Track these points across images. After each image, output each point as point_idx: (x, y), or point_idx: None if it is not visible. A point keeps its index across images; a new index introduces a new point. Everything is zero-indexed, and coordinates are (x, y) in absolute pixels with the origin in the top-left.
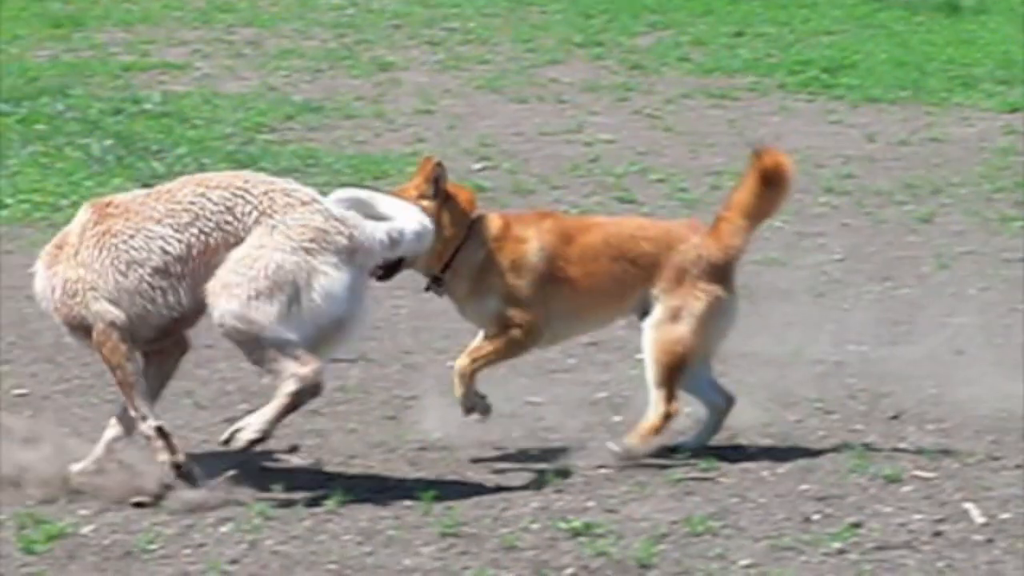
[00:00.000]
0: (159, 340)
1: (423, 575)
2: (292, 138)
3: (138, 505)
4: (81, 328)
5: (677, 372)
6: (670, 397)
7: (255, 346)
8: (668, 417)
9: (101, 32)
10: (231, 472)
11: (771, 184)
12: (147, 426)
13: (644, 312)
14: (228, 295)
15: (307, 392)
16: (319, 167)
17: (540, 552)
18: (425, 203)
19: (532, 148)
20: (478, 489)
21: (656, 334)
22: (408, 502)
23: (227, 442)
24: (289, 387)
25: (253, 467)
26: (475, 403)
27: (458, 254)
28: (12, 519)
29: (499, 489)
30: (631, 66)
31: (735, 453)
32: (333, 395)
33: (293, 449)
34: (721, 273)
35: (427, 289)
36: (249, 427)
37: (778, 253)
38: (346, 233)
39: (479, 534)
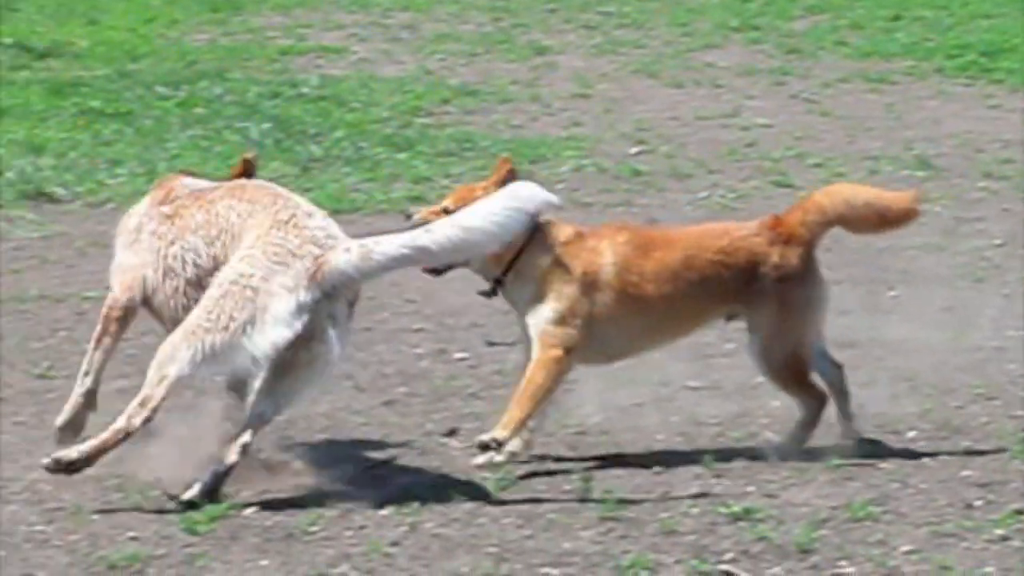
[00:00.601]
0: None
1: (583, 559)
2: (448, 122)
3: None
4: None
5: (801, 374)
6: (811, 392)
7: (168, 355)
8: (820, 409)
9: (258, 16)
10: (387, 457)
11: (891, 222)
12: (82, 383)
13: (728, 316)
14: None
15: (126, 435)
16: (475, 150)
17: (700, 537)
18: None
19: (688, 132)
20: (637, 473)
21: (765, 354)
22: (567, 486)
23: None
24: (120, 423)
25: (411, 451)
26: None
27: (521, 256)
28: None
29: (658, 474)
30: (788, 50)
31: (895, 439)
32: (491, 378)
33: (452, 432)
34: (804, 272)
35: (481, 293)
36: (74, 449)
37: (937, 238)
38: (314, 254)
39: (639, 518)
